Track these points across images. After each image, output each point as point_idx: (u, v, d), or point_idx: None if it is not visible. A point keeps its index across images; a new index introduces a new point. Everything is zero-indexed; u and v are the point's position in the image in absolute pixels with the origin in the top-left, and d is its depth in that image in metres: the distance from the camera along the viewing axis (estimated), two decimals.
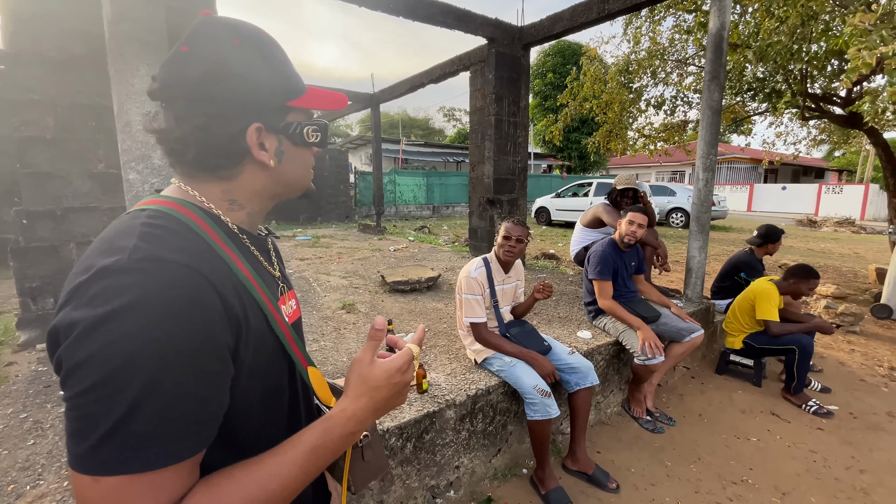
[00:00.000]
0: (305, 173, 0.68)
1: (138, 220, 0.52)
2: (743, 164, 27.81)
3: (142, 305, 0.44)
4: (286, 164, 0.63)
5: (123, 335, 0.42)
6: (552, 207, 14.09)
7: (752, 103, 7.51)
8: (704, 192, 3.66)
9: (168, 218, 0.54)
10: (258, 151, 0.59)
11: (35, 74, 2.81)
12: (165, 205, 0.56)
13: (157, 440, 0.44)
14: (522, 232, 2.30)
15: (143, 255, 0.47)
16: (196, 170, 0.59)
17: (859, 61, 2.87)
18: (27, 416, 2.02)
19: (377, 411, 0.59)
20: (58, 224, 2.91)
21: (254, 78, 0.57)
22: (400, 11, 4.26)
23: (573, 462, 2.30)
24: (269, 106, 0.60)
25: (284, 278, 0.73)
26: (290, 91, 0.61)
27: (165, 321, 0.44)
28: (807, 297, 5.14)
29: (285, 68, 0.62)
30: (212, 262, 0.53)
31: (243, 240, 0.63)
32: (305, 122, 0.64)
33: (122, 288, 0.44)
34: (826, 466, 2.42)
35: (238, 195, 0.62)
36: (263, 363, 0.58)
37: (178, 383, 0.44)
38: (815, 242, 11.35)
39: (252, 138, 0.58)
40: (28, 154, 2.83)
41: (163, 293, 0.45)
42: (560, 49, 22.40)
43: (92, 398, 0.42)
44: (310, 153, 0.68)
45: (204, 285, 0.48)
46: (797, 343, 3.04)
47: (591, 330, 2.99)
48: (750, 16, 6.22)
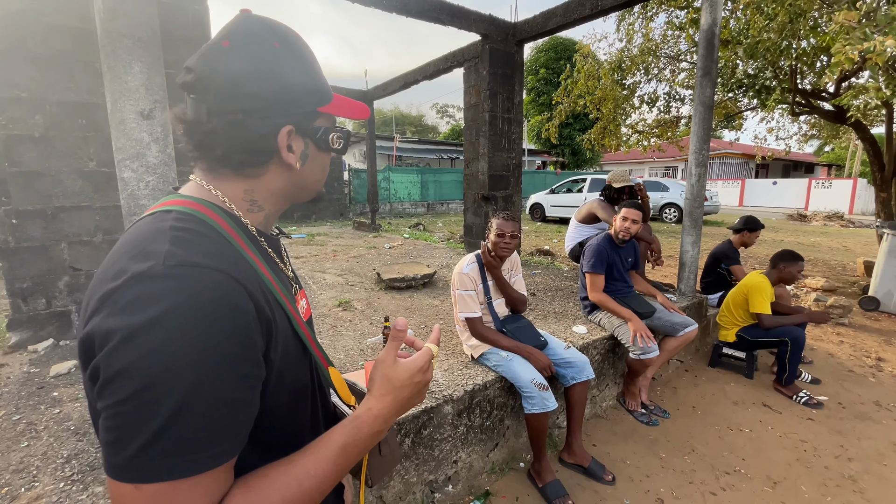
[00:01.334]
0: (322, 177, 0.69)
1: (166, 222, 0.51)
2: (735, 160, 28.03)
3: (180, 312, 0.43)
4: (308, 167, 0.64)
5: (164, 343, 0.42)
6: (547, 204, 14.13)
7: (743, 99, 7.58)
8: (697, 188, 3.69)
9: (195, 220, 0.53)
10: (286, 153, 0.60)
11: (21, 71, 2.76)
12: (189, 206, 0.55)
13: (198, 446, 0.44)
14: (515, 227, 2.30)
15: (179, 261, 0.46)
16: (221, 166, 0.59)
17: (842, 57, 2.91)
18: (20, 418, 2.00)
19: (400, 410, 0.61)
20: (48, 223, 2.87)
21: (291, 80, 0.58)
22: (393, 8, 4.24)
23: (570, 455, 2.32)
24: (302, 109, 0.60)
25: (296, 278, 0.74)
26: (321, 97, 0.62)
27: (204, 327, 0.44)
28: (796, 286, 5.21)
29: (318, 74, 0.63)
30: (241, 265, 0.53)
31: (261, 242, 0.63)
32: (331, 128, 0.65)
33: (160, 294, 0.44)
34: (816, 455, 2.46)
35: (259, 195, 0.62)
36: (290, 364, 0.58)
37: (218, 389, 0.44)
38: (804, 236, 11.49)
39: (283, 139, 0.59)
40: (16, 152, 2.78)
41: (201, 299, 0.45)
42: (553, 45, 22.40)
43: (132, 406, 0.42)
44: (328, 158, 0.68)
45: (239, 290, 0.48)
46: (789, 335, 3.08)
47: (586, 325, 3.01)
48: (741, 12, 6.27)
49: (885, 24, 2.98)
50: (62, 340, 2.95)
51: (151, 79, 1.23)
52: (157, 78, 1.25)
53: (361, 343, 2.73)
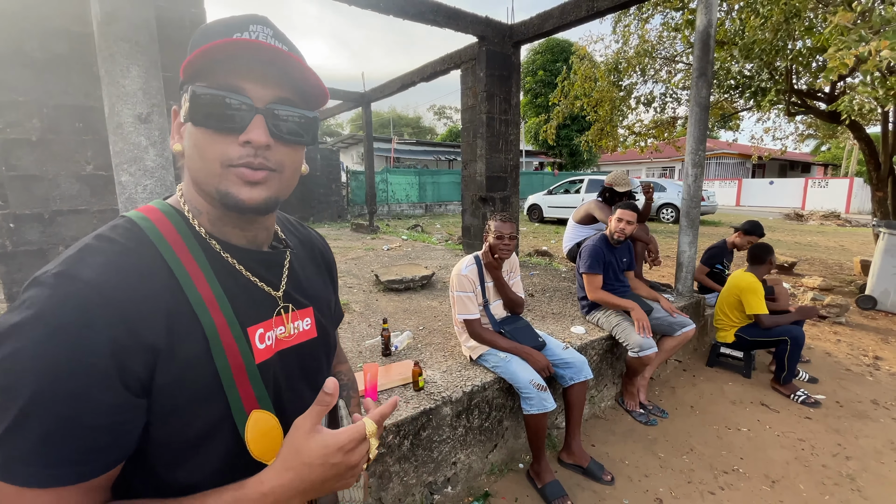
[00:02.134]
0: (201, 164, 0.52)
1: (101, 229, 0.51)
2: (731, 160, 28.13)
3: (36, 322, 0.43)
4: (187, 149, 0.53)
5: (14, 350, 0.42)
6: (544, 204, 14.15)
7: (739, 100, 7.62)
8: (694, 188, 3.71)
9: (128, 230, 0.51)
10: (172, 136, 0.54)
11: (18, 75, 2.76)
12: (144, 212, 0.54)
13: (40, 460, 0.42)
14: (513, 228, 2.31)
15: (59, 270, 0.46)
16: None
17: (837, 62, 2.93)
18: None
19: (306, 492, 0.50)
20: (46, 227, 2.87)
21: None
22: (390, 10, 4.26)
23: (568, 455, 2.33)
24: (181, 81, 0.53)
25: (301, 294, 0.66)
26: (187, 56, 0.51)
27: (51, 342, 0.43)
28: (794, 285, 5.22)
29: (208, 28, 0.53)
30: (141, 283, 0.48)
31: (214, 247, 0.56)
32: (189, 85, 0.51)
33: (31, 301, 0.44)
34: (814, 454, 2.47)
35: (189, 194, 0.57)
36: (193, 397, 0.51)
37: (59, 407, 0.43)
38: (801, 236, 11.53)
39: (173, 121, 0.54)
40: (13, 156, 2.78)
41: (56, 312, 0.44)
42: (550, 47, 22.47)
43: None
44: (203, 135, 0.51)
45: (102, 309, 0.45)
46: (789, 334, 3.10)
47: (584, 325, 3.02)
48: (736, 13, 6.30)
49: (880, 25, 3.00)
50: None
51: (149, 83, 1.24)
52: (154, 82, 1.26)
53: (360, 345, 2.73)
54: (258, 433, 0.54)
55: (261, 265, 0.61)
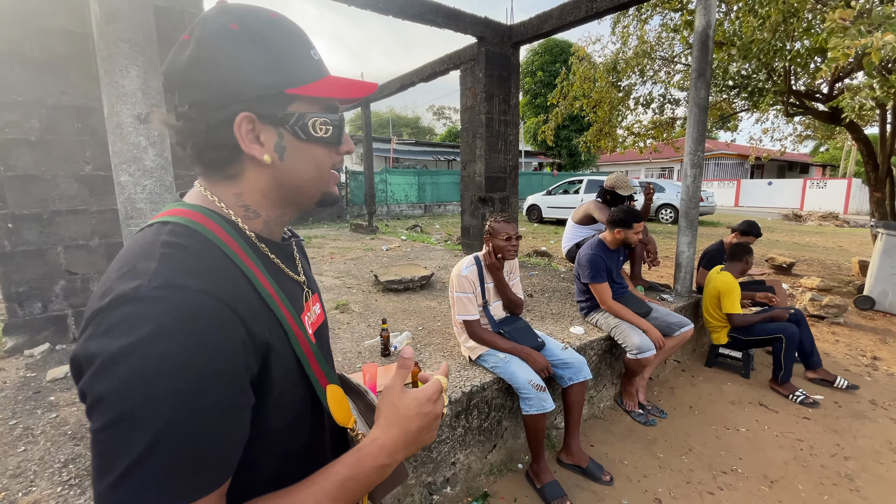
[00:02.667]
0: (318, 174, 0.60)
1: (160, 237, 0.50)
2: (730, 160, 28.17)
3: (160, 338, 0.41)
4: (290, 161, 0.57)
5: (141, 370, 0.41)
6: (543, 205, 14.16)
7: (737, 100, 7.63)
8: (692, 188, 3.71)
9: (189, 233, 0.51)
10: (248, 145, 0.54)
11: (18, 75, 2.76)
12: (188, 216, 0.53)
13: (177, 478, 0.42)
14: (515, 227, 2.31)
15: (163, 282, 0.44)
16: (203, 168, 0.57)
17: (839, 52, 2.92)
18: (17, 423, 1.99)
19: (409, 444, 0.57)
20: (44, 227, 2.87)
21: (245, 62, 0.51)
22: (389, 10, 4.26)
23: (567, 455, 2.33)
24: (261, 94, 0.53)
25: (310, 281, 0.71)
26: (290, 78, 0.54)
27: (184, 355, 0.42)
28: (792, 286, 5.23)
29: (290, 54, 0.55)
30: (234, 283, 0.50)
31: (263, 249, 0.59)
32: (313, 113, 0.56)
33: (140, 319, 0.42)
34: (812, 454, 2.48)
35: (249, 199, 0.58)
36: (290, 384, 0.56)
37: (199, 419, 0.42)
38: (800, 236, 11.55)
39: (240, 129, 0.52)
40: (12, 156, 2.78)
41: (182, 325, 0.43)
42: (549, 47, 22.49)
43: (111, 435, 0.41)
44: (324, 151, 0.59)
45: (226, 314, 0.46)
46: (784, 332, 3.11)
47: (583, 325, 3.02)
48: (734, 14, 6.31)
49: (879, 22, 3.00)
50: (58, 345, 2.94)
51: (148, 83, 1.24)
52: (153, 82, 1.26)
53: (359, 345, 2.73)
54: (335, 404, 0.62)
55: (285, 256, 0.65)
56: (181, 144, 0.55)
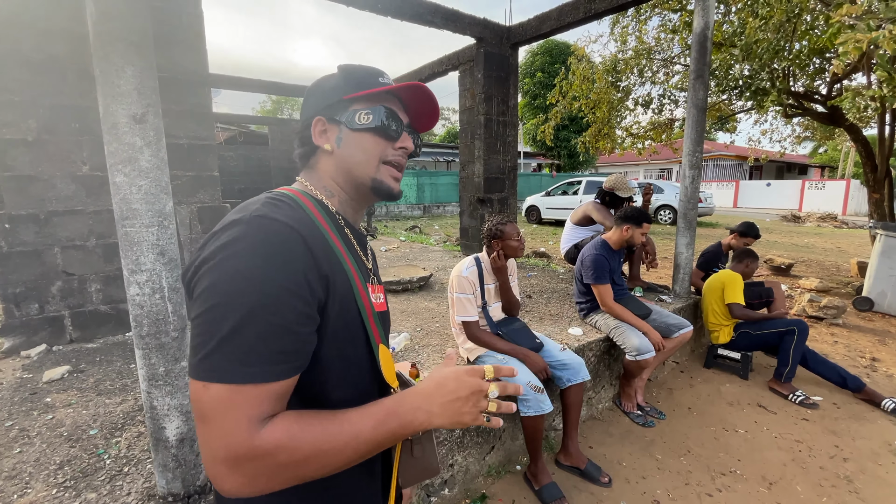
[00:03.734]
0: (364, 158, 0.74)
1: (266, 195, 0.66)
2: (729, 161, 28.23)
3: (250, 248, 0.55)
4: (344, 148, 0.73)
5: (234, 271, 0.53)
6: (542, 206, 14.17)
7: (737, 101, 7.63)
8: (691, 189, 3.71)
9: (287, 198, 0.67)
10: (318, 138, 0.73)
11: (15, 75, 2.76)
12: (288, 191, 0.70)
13: (254, 359, 0.52)
14: (517, 227, 2.32)
15: (259, 214, 0.59)
16: (301, 164, 0.77)
17: (850, 46, 2.90)
18: (13, 424, 1.98)
19: (444, 405, 0.61)
20: (41, 228, 2.86)
21: (326, 87, 0.74)
22: (388, 11, 4.25)
23: (566, 457, 2.32)
24: (329, 101, 0.73)
25: (376, 272, 0.83)
26: (348, 88, 0.73)
27: (266, 262, 0.54)
28: (790, 287, 5.24)
29: (356, 75, 0.74)
30: (312, 229, 0.64)
31: (340, 222, 0.74)
32: (359, 109, 0.72)
33: (241, 235, 0.56)
34: (811, 456, 2.47)
35: (326, 182, 0.75)
36: (345, 327, 0.65)
37: (273, 314, 0.53)
38: (798, 237, 11.56)
39: (315, 129, 0.73)
40: (9, 156, 2.77)
41: (267, 240, 0.56)
42: (548, 48, 22.51)
43: (206, 319, 0.53)
44: (371, 139, 0.74)
45: (300, 241, 0.59)
46: (798, 324, 3.12)
47: (581, 326, 3.02)
48: (734, 15, 6.32)
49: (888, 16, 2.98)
50: (55, 346, 2.93)
51: (144, 83, 1.23)
52: (149, 82, 1.25)
53: None
54: (385, 363, 0.73)
55: (359, 241, 0.79)
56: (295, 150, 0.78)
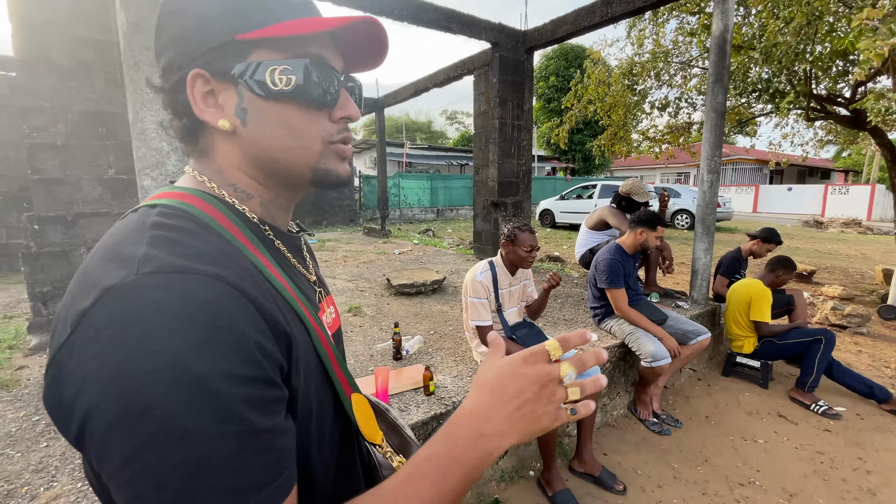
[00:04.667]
0: (293, 142, 0.48)
1: (148, 219, 0.41)
2: (748, 166, 27.72)
3: (164, 338, 0.33)
4: (254, 126, 0.46)
5: (149, 386, 0.32)
6: (556, 210, 14.09)
7: (756, 104, 7.51)
8: (709, 194, 3.66)
9: (182, 215, 0.43)
10: (202, 109, 0.45)
11: (45, 81, 2.86)
12: (178, 198, 0.45)
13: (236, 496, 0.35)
14: (536, 239, 2.32)
15: (157, 266, 0.36)
16: (183, 144, 0.50)
17: (872, 53, 2.85)
18: (40, 419, 2.04)
19: (512, 416, 0.44)
20: (68, 229, 2.95)
21: (199, 12, 0.44)
22: (405, 17, 4.30)
23: (580, 464, 2.31)
24: (213, 44, 0.44)
25: (321, 282, 0.62)
26: (245, 21, 0.44)
27: (200, 355, 0.34)
28: (813, 294, 5.12)
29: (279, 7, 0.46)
30: (241, 266, 0.41)
31: (267, 234, 0.51)
32: (271, 61, 0.45)
33: (136, 316, 0.34)
34: (833, 468, 2.41)
35: (232, 176, 0.49)
36: (308, 387, 0.46)
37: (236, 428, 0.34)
38: (821, 243, 11.29)
39: (192, 90, 0.45)
40: (38, 160, 2.87)
41: (188, 315, 0.34)
42: (563, 52, 22.44)
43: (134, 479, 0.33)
44: (299, 112, 0.47)
45: (238, 299, 0.37)
46: (824, 333, 3.06)
47: (596, 332, 2.99)
48: (754, 17, 6.22)
49: None
50: None
51: None
52: None
53: (371, 349, 2.75)
54: (362, 416, 0.54)
55: (294, 249, 0.56)
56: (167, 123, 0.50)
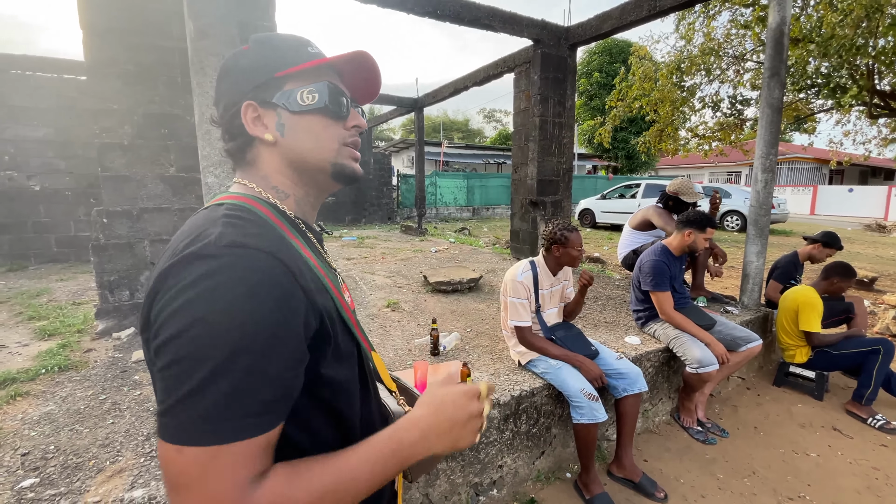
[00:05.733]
0: (317, 144, 0.65)
1: (219, 211, 0.56)
2: (806, 165, 26.06)
3: (227, 288, 0.47)
4: (290, 135, 0.63)
5: (208, 315, 0.45)
6: (597, 209, 13.76)
7: (815, 100, 7.06)
8: (763, 194, 3.49)
9: (244, 210, 0.58)
10: (253, 127, 0.62)
11: (113, 85, 3.07)
12: (237, 199, 0.60)
13: (237, 413, 0.46)
14: (581, 237, 2.30)
15: (229, 241, 0.50)
16: (236, 161, 0.67)
17: None
18: (106, 398, 2.21)
19: (441, 432, 0.58)
20: (133, 223, 3.17)
21: (246, 65, 0.62)
22: (447, 17, 4.33)
23: (619, 469, 2.26)
24: (256, 82, 0.62)
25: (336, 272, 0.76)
26: (280, 64, 0.62)
27: (247, 304, 0.47)
28: (873, 303, 4.78)
29: (283, 48, 0.64)
30: (285, 248, 0.55)
31: (301, 227, 0.67)
32: (300, 87, 0.63)
33: (210, 271, 0.47)
34: (888, 484, 2.26)
35: (274, 180, 0.65)
36: (340, 346, 0.60)
37: (255, 361, 0.46)
38: (884, 248, 10.47)
39: (246, 116, 0.62)
40: (107, 159, 3.09)
41: (247, 277, 0.48)
42: (607, 47, 21.87)
43: (175, 371, 0.45)
44: (321, 121, 0.65)
45: (284, 271, 0.51)
46: (883, 343, 2.87)
47: (639, 335, 2.92)
48: (812, 9, 5.86)
49: None
50: None
51: None
52: None
53: (409, 343, 2.80)
54: (379, 369, 0.73)
55: (320, 242, 0.73)
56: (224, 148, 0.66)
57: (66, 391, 2.31)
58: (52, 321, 3.41)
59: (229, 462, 0.45)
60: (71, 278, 5.24)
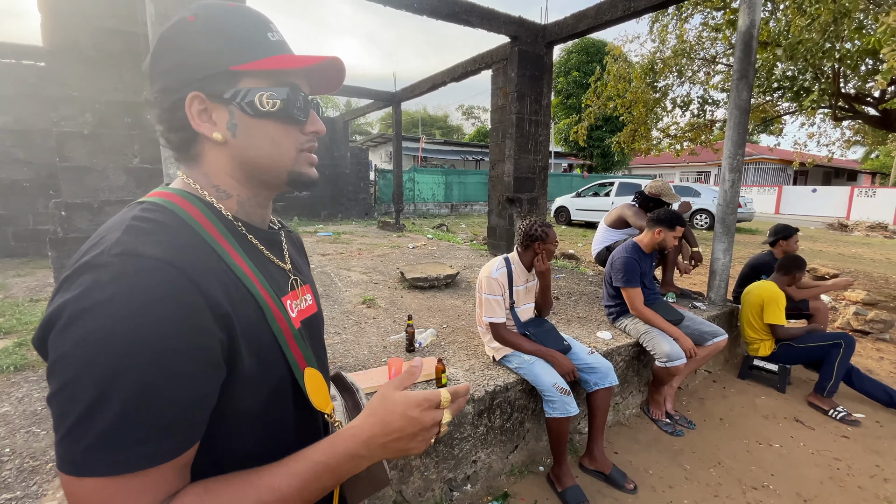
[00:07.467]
0: (276, 151, 0.59)
1: (131, 213, 0.52)
2: (771, 165, 27.05)
3: (113, 302, 0.43)
4: (243, 138, 0.58)
5: (93, 332, 0.42)
6: (572, 207, 13.97)
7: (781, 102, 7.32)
8: (731, 194, 3.60)
9: (162, 210, 0.53)
10: (199, 123, 0.56)
11: (73, 71, 2.93)
12: (164, 196, 0.56)
13: (127, 442, 0.42)
14: (555, 232, 2.32)
15: (121, 250, 0.46)
16: (176, 152, 0.60)
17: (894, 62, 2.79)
18: None
19: (387, 443, 0.54)
20: (94, 216, 3.03)
21: (195, 47, 0.54)
22: (424, 10, 4.29)
23: (590, 461, 2.30)
24: (208, 73, 0.55)
25: (298, 271, 0.71)
26: (236, 56, 0.55)
27: (136, 319, 0.43)
28: (835, 299, 5.00)
29: (239, 35, 0.56)
30: (198, 256, 0.51)
31: (240, 229, 0.61)
32: (259, 88, 0.56)
33: (97, 283, 0.43)
34: (850, 474, 2.37)
35: (217, 179, 0.60)
36: (261, 362, 0.55)
37: (147, 383, 0.43)
38: (845, 247, 10.98)
39: (191, 109, 0.55)
40: (66, 148, 2.95)
41: (136, 289, 0.44)
42: (584, 47, 22.13)
43: (64, 397, 0.42)
44: (280, 128, 0.59)
45: (181, 282, 0.46)
46: (844, 337, 2.99)
47: (611, 330, 2.97)
48: (781, 13, 6.06)
49: None
50: None
51: None
52: None
53: (385, 340, 2.78)
54: (313, 387, 0.63)
55: (270, 243, 0.66)
56: (160, 132, 0.59)
57: (22, 392, 2.21)
58: (8, 319, 3.25)
59: (132, 490, 0.43)
60: (29, 273, 5.00)
